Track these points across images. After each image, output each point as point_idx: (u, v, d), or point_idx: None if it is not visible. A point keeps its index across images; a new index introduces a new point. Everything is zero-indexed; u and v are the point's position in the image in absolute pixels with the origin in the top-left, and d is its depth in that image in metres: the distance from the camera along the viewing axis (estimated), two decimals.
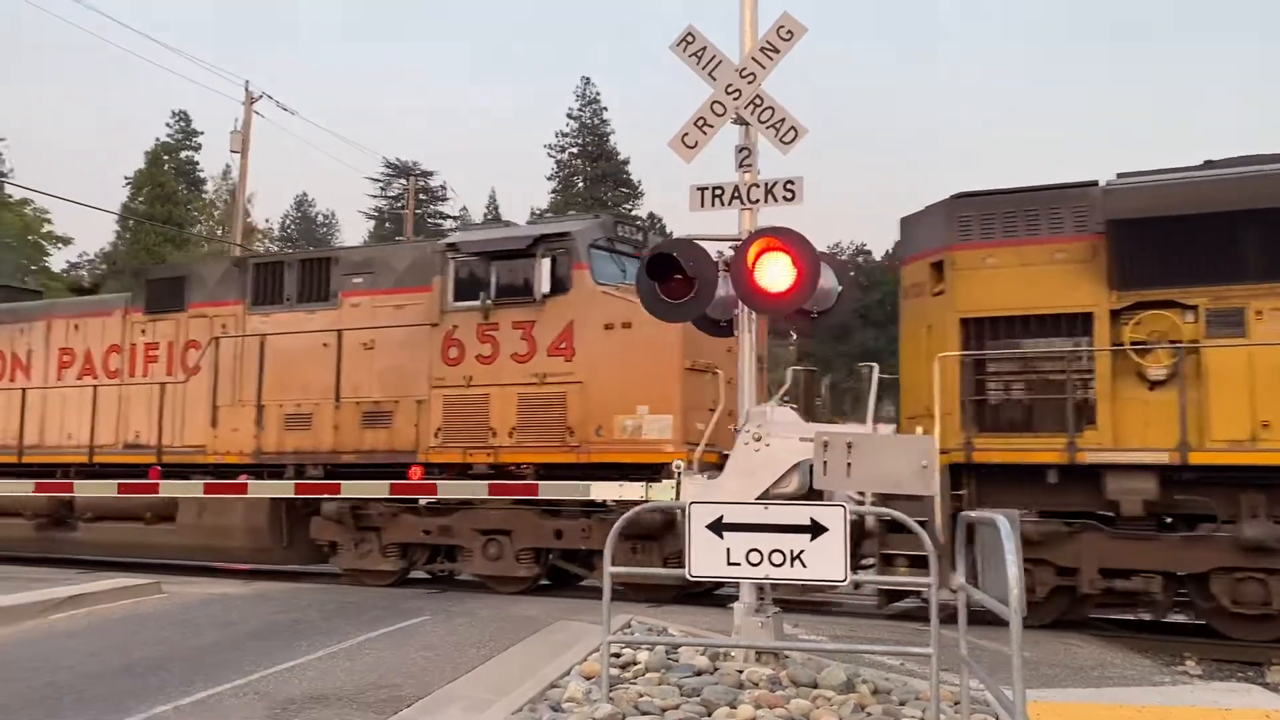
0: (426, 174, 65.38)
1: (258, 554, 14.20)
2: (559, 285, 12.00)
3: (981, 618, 5.84)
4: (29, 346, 16.34)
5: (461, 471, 12.55)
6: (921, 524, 9.29)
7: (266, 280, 14.38)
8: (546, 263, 11.96)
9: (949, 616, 6.05)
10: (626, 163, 62.40)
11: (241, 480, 13.73)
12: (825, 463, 6.70)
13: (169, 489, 14.19)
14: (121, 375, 15.35)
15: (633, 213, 61.80)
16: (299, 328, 13.83)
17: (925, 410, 10.47)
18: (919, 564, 9.82)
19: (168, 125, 63.38)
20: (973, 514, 5.77)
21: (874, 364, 10.34)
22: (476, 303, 12.36)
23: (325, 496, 13.23)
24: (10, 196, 49.05)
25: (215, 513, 13.90)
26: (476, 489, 12.31)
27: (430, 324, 12.82)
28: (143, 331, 15.30)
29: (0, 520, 15.74)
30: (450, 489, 12.51)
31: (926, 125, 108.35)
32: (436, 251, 13.09)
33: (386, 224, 67.22)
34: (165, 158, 60.08)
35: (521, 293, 12.26)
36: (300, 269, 14.20)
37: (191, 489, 14.02)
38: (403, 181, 62.14)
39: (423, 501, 12.90)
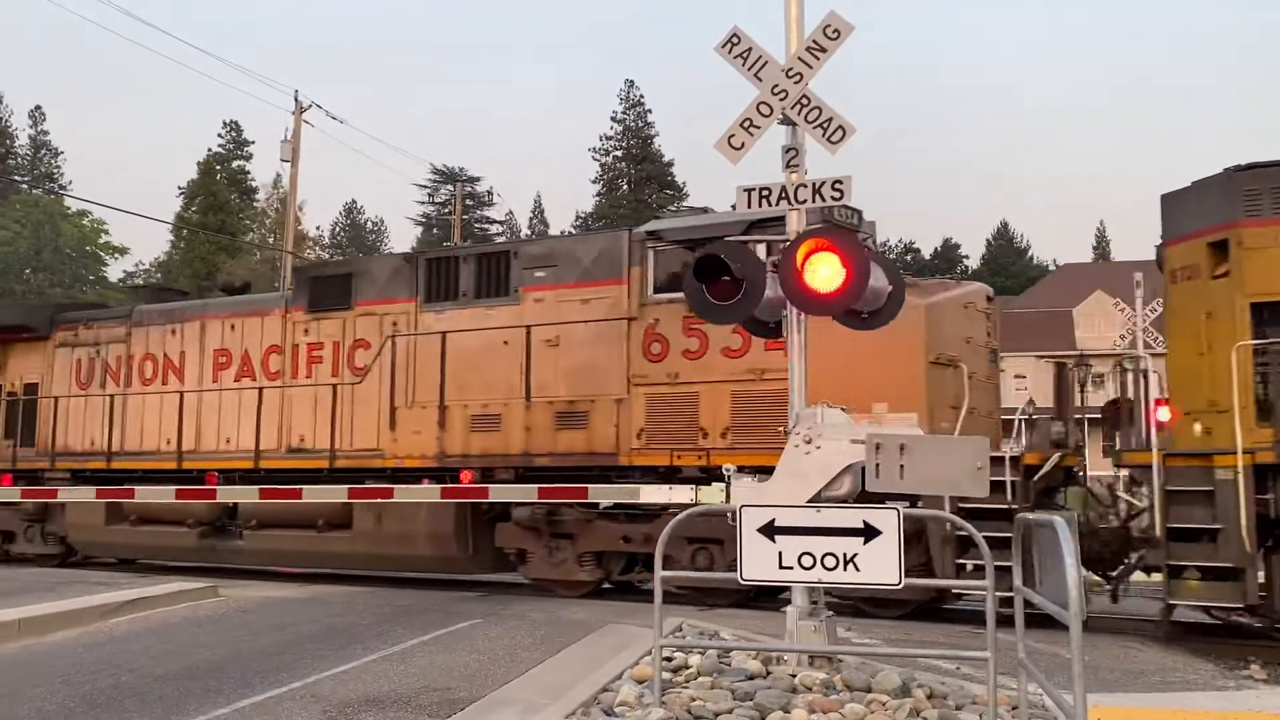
0: (473, 180, 66.03)
1: (442, 563, 13.52)
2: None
3: (1044, 621, 5.76)
4: (181, 348, 15.84)
5: (667, 475, 11.80)
6: (1204, 532, 9.16)
7: (440, 276, 13.72)
8: (761, 249, 11.19)
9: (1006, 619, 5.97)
10: (671, 164, 62.49)
11: (377, 485, 13.29)
12: (878, 465, 6.63)
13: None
14: (283, 377, 14.75)
15: (677, 214, 61.78)
16: (477, 325, 13.18)
17: (1208, 405, 9.71)
18: (1213, 575, 9.41)
19: (219, 136, 64.77)
20: (1030, 516, 5.69)
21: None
22: (680, 294, 11.02)
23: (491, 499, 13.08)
24: (69, 208, 50.25)
25: (396, 519, 13.25)
26: (528, 493, 12.24)
27: (626, 318, 12.26)
28: (305, 331, 14.69)
29: (163, 529, 15.31)
30: (502, 493, 12.47)
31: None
32: (636, 241, 12.47)
33: (434, 230, 67.84)
34: (217, 168, 61.24)
35: None
36: (477, 264, 13.55)
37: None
38: (449, 188, 62.67)
39: (604, 504, 12.36)
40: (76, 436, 16.36)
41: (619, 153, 63.66)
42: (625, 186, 62.96)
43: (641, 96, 63.84)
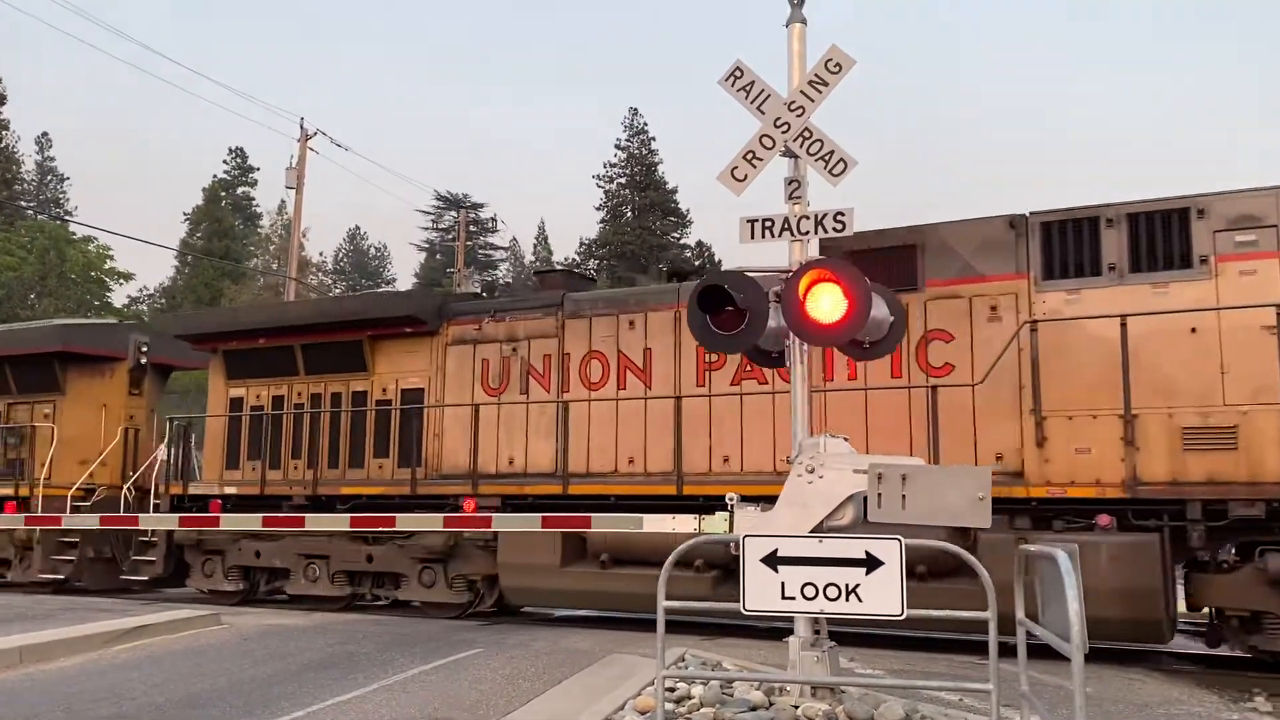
0: (477, 206, 66.21)
1: (1137, 629, 10.12)
2: None
3: (1043, 653, 5.75)
4: (646, 344, 12.96)
5: None
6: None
7: (1067, 243, 10.78)
8: None
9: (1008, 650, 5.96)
10: (674, 191, 62.66)
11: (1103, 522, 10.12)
12: (880, 495, 6.65)
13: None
14: (811, 378, 12.31)
15: (680, 242, 62.06)
16: (1141, 307, 10.24)
17: None
18: None
19: (225, 162, 65.15)
20: (1031, 547, 5.70)
21: None
22: None
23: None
24: (75, 234, 50.47)
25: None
26: (531, 521, 11.56)
27: None
28: None
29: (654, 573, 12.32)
30: (503, 521, 11.88)
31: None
32: None
33: (438, 256, 68.03)
34: (222, 194, 61.57)
35: None
36: (1131, 227, 10.53)
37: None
38: (453, 214, 62.94)
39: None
40: (487, 454, 13.57)
41: (623, 180, 63.92)
42: (629, 213, 63.18)
43: (645, 124, 64.17)
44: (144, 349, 18.26)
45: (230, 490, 15.32)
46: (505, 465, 13.49)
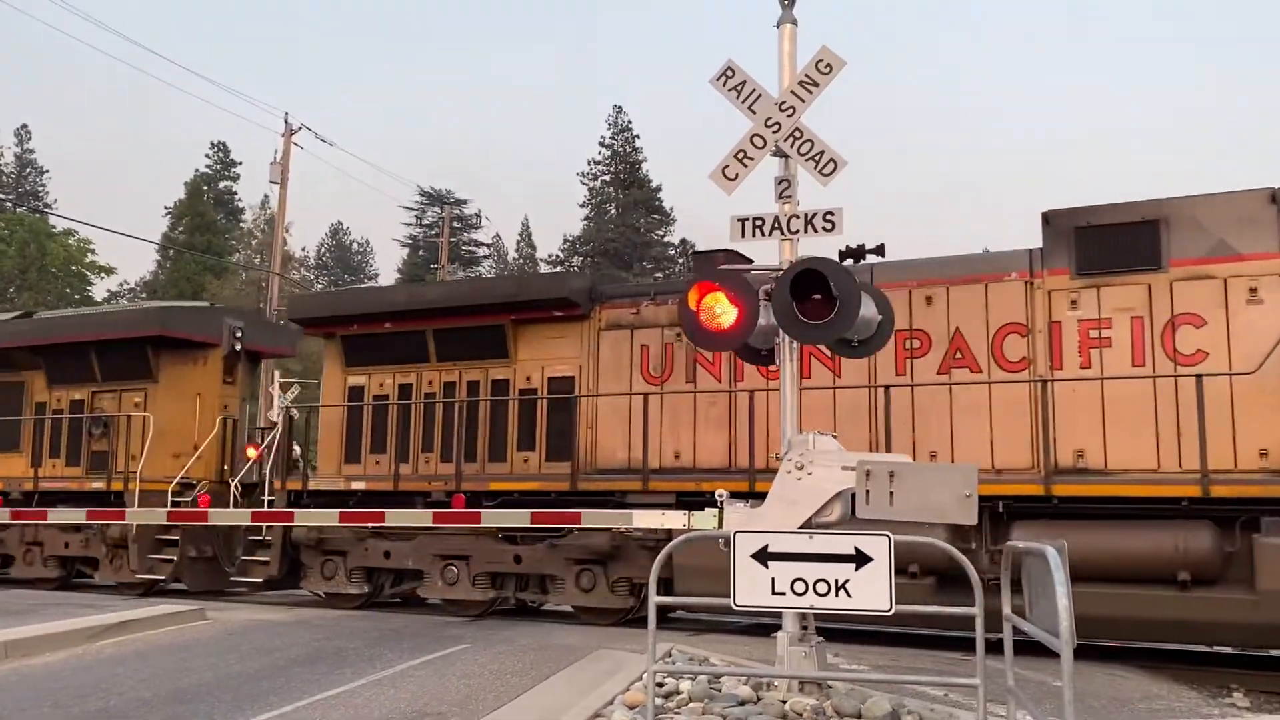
0: (460, 202, 66.13)
1: None
2: None
3: (1028, 648, 5.83)
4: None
5: None
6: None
7: None
8: None
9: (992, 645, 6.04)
10: (659, 189, 62.76)
11: None
12: (868, 491, 6.71)
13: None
14: (1033, 366, 10.89)
15: (665, 239, 62.13)
16: None
17: None
18: None
19: (207, 156, 64.84)
20: (1020, 544, 5.77)
21: None
22: None
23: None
24: (54, 227, 50.11)
25: None
26: (521, 518, 11.55)
27: None
28: (1073, 303, 10.84)
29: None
30: (493, 518, 11.84)
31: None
32: None
33: (420, 252, 67.86)
34: (205, 188, 61.25)
35: None
36: None
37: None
38: (437, 210, 62.82)
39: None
40: (650, 447, 12.33)
41: (607, 177, 63.94)
42: (613, 210, 63.20)
43: (630, 122, 64.23)
44: (238, 334, 17.00)
45: (358, 485, 14.04)
46: (671, 459, 12.47)
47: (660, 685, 7.06)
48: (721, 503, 7.42)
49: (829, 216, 7.58)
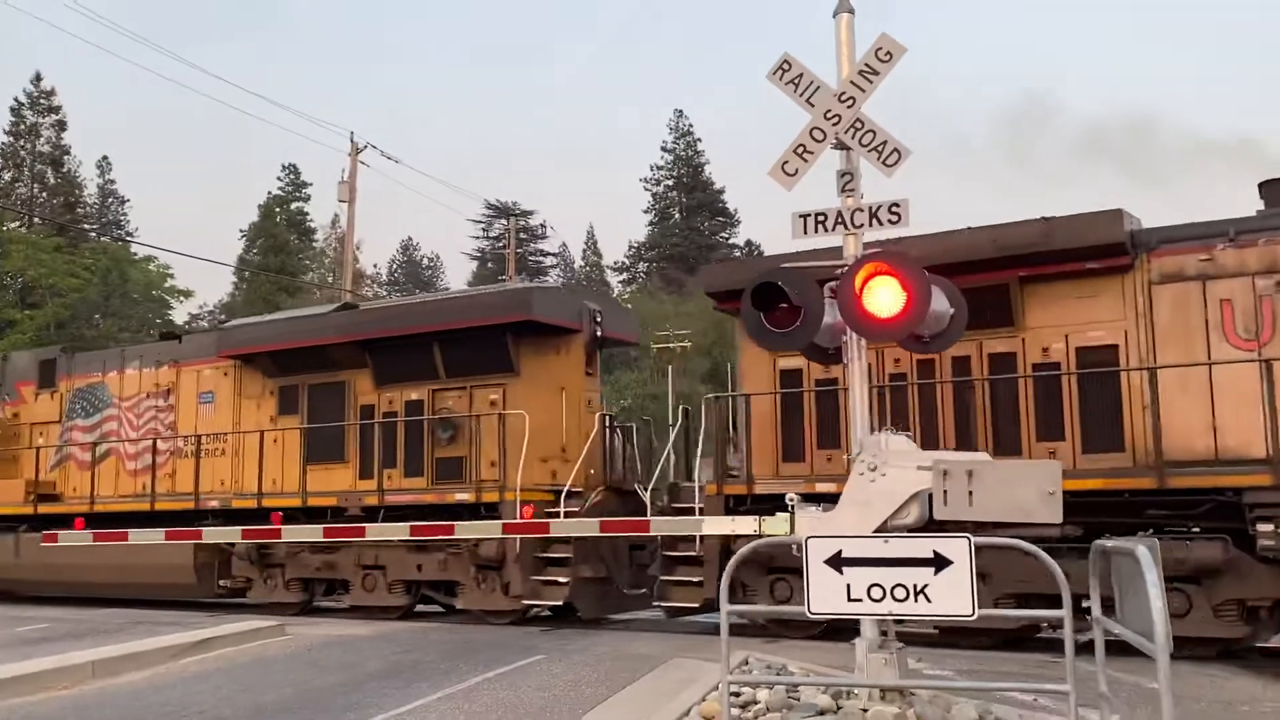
0: (526, 213, 66.65)
1: None
2: None
3: (1117, 646, 5.55)
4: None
5: None
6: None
7: None
8: None
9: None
10: (722, 192, 62.57)
11: None
12: (945, 492, 6.47)
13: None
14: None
15: (730, 241, 61.87)
16: None
17: None
18: None
19: (279, 179, 66.10)
20: (1108, 543, 5.50)
21: None
22: None
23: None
24: (136, 254, 51.58)
25: None
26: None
27: None
28: None
29: None
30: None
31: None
32: None
33: (489, 264, 68.52)
34: (277, 210, 62.53)
35: None
36: None
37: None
38: (503, 222, 63.37)
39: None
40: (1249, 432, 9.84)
41: (670, 182, 63.90)
42: (677, 215, 63.13)
43: (690, 125, 64.18)
44: (598, 319, 14.94)
45: (822, 488, 10.72)
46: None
47: (737, 695, 6.91)
48: (793, 507, 7.24)
49: (894, 209, 7.35)
